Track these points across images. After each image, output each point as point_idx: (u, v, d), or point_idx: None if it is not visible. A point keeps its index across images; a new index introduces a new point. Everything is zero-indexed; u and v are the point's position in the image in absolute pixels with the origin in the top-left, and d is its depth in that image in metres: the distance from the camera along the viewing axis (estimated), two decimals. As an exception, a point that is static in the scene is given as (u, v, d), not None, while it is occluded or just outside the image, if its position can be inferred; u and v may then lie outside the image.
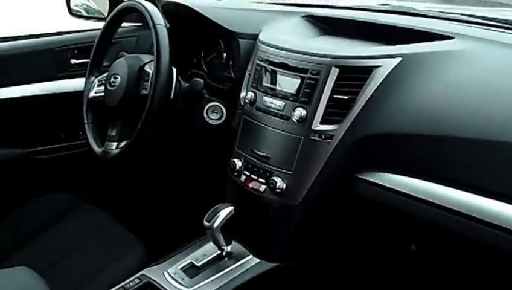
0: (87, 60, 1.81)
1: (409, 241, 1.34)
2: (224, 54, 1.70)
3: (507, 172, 1.02)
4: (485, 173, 1.05)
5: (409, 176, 1.17)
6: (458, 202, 1.06)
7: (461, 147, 1.08)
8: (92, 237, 1.58)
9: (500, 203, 1.01)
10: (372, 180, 1.23)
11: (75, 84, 1.93)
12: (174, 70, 1.57)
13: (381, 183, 1.21)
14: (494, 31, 1.28)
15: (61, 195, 1.79)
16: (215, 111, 1.59)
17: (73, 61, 1.94)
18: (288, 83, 1.33)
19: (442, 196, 1.09)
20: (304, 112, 1.28)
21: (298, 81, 1.31)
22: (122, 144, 1.58)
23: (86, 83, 1.75)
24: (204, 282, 1.33)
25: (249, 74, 1.47)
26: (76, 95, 1.79)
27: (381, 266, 1.45)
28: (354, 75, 1.24)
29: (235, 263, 1.36)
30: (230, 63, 1.68)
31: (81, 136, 1.94)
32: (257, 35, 1.50)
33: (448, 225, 1.10)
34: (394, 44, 1.27)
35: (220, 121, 1.58)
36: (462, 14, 1.36)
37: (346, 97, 1.24)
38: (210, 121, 1.59)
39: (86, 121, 1.71)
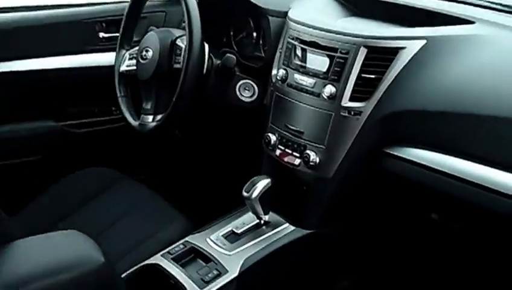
0: (116, 34, 1.94)
1: (430, 211, 1.55)
2: (254, 34, 1.84)
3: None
4: (504, 149, 1.23)
5: (432, 151, 1.34)
6: (479, 175, 1.24)
7: (481, 125, 1.25)
8: (134, 209, 1.72)
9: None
10: (397, 154, 1.41)
11: (104, 58, 2.04)
12: (206, 45, 1.70)
13: (406, 157, 1.39)
14: None
15: (100, 169, 1.91)
16: (247, 88, 1.75)
17: (101, 34, 2.05)
18: (318, 61, 1.50)
19: (462, 170, 1.28)
20: (333, 89, 1.45)
21: (328, 59, 1.47)
22: (159, 117, 1.71)
23: (116, 56, 1.87)
24: (244, 247, 1.50)
25: (280, 52, 1.63)
26: (107, 70, 1.91)
27: (406, 234, 1.66)
28: (381, 56, 1.40)
29: (272, 230, 1.53)
30: (261, 42, 1.82)
31: (114, 111, 2.09)
32: (286, 12, 1.66)
33: (468, 196, 1.28)
34: (419, 26, 1.44)
35: (253, 98, 1.74)
36: (482, 0, 1.51)
37: (373, 76, 1.41)
38: (243, 98, 1.74)
39: (119, 95, 1.84)
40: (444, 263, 1.69)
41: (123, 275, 1.50)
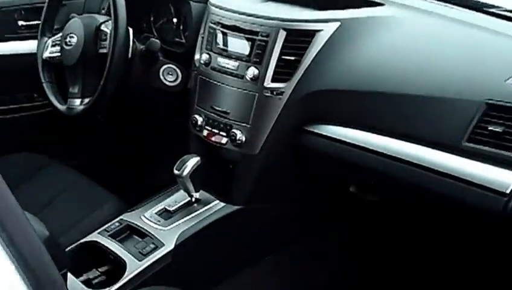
0: (36, 22, 1.98)
1: (348, 184, 1.68)
2: (175, 19, 1.91)
3: (433, 122, 1.33)
4: (411, 123, 1.37)
5: (348, 127, 1.47)
6: (390, 148, 1.38)
7: (393, 101, 1.38)
8: (66, 193, 1.75)
9: (429, 149, 1.32)
10: (316, 131, 1.53)
11: (24, 46, 2.05)
12: (131, 30, 1.77)
13: (324, 133, 1.51)
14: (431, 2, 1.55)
15: (27, 155, 1.93)
16: (170, 73, 1.82)
17: (20, 22, 2.06)
18: (240, 45, 1.59)
19: (375, 143, 1.41)
20: (256, 71, 1.55)
21: (249, 43, 1.57)
22: (86, 100, 1.78)
23: (38, 44, 1.92)
24: (178, 223, 1.58)
25: (202, 37, 1.70)
26: (26, 58, 1.95)
27: (328, 208, 1.79)
28: (299, 38, 1.51)
29: (203, 207, 1.61)
30: (181, 28, 1.89)
31: (36, 98, 2.11)
32: None
33: (382, 168, 1.41)
34: (333, 9, 1.56)
35: (176, 83, 1.81)
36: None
37: (293, 58, 1.51)
38: (166, 82, 1.82)
39: (43, 80, 1.88)
40: (364, 235, 1.84)
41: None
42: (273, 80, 1.54)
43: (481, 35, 1.38)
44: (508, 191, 1.20)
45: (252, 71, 1.56)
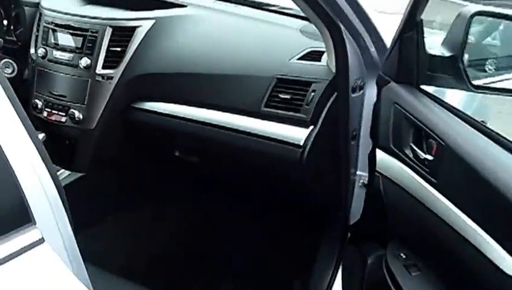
0: None
1: (173, 150, 2.11)
2: (5, 21, 2.18)
3: (236, 94, 1.77)
4: (222, 96, 1.80)
5: (168, 102, 1.89)
6: (205, 116, 1.81)
7: (203, 80, 1.83)
8: None
9: (235, 115, 1.76)
10: (142, 107, 1.93)
11: None
12: None
13: (148, 108, 1.92)
14: (219, 2, 2.02)
15: None
16: (7, 66, 2.10)
17: None
18: (73, 40, 1.94)
19: (193, 114, 1.84)
20: (88, 61, 1.91)
21: (81, 38, 1.93)
22: None
23: None
24: None
25: (36, 35, 2.02)
26: None
27: (158, 171, 2.20)
28: (122, 33, 1.91)
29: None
30: (12, 28, 2.17)
31: None
32: (38, 3, 2.06)
33: (200, 133, 1.84)
34: (148, 10, 1.98)
35: (13, 74, 2.09)
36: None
37: (119, 49, 1.91)
38: (5, 75, 2.09)
39: None
40: (196, 197, 2.26)
41: None
42: (104, 67, 1.92)
43: (265, 26, 1.88)
44: (301, 144, 1.66)
45: (85, 61, 1.92)
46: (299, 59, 1.71)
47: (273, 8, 1.92)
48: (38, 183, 0.92)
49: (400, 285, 1.40)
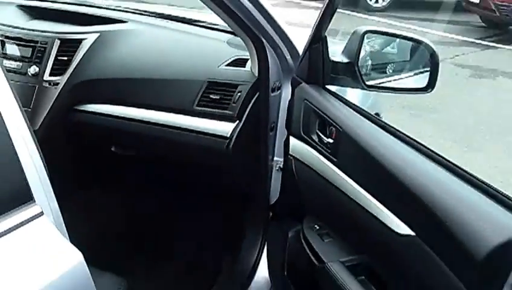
0: None
1: (111, 145, 2.36)
2: None
3: (172, 96, 2.05)
4: (158, 97, 2.07)
5: (108, 104, 2.15)
6: (142, 115, 2.07)
7: (141, 84, 2.10)
8: None
9: (171, 114, 2.03)
10: (84, 109, 2.18)
11: None
12: None
13: (90, 110, 2.17)
14: (156, 19, 2.33)
15: None
16: None
17: None
18: (23, 51, 2.20)
19: (131, 113, 2.09)
20: (37, 69, 2.16)
21: (31, 49, 2.18)
22: None
23: None
24: None
25: (-13, 46, 2.26)
26: None
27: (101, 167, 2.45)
28: (70, 44, 2.17)
29: None
30: None
31: None
32: None
33: (137, 130, 2.10)
34: (91, 25, 2.24)
35: None
36: (134, 9, 2.39)
37: (66, 58, 2.17)
38: None
39: None
40: (125, 187, 2.52)
41: None
42: (51, 75, 2.18)
43: (197, 39, 2.19)
44: (228, 136, 1.94)
45: (33, 69, 2.17)
46: (227, 65, 2.01)
47: (202, 24, 2.24)
48: (34, 166, 1.08)
49: (316, 251, 1.66)
